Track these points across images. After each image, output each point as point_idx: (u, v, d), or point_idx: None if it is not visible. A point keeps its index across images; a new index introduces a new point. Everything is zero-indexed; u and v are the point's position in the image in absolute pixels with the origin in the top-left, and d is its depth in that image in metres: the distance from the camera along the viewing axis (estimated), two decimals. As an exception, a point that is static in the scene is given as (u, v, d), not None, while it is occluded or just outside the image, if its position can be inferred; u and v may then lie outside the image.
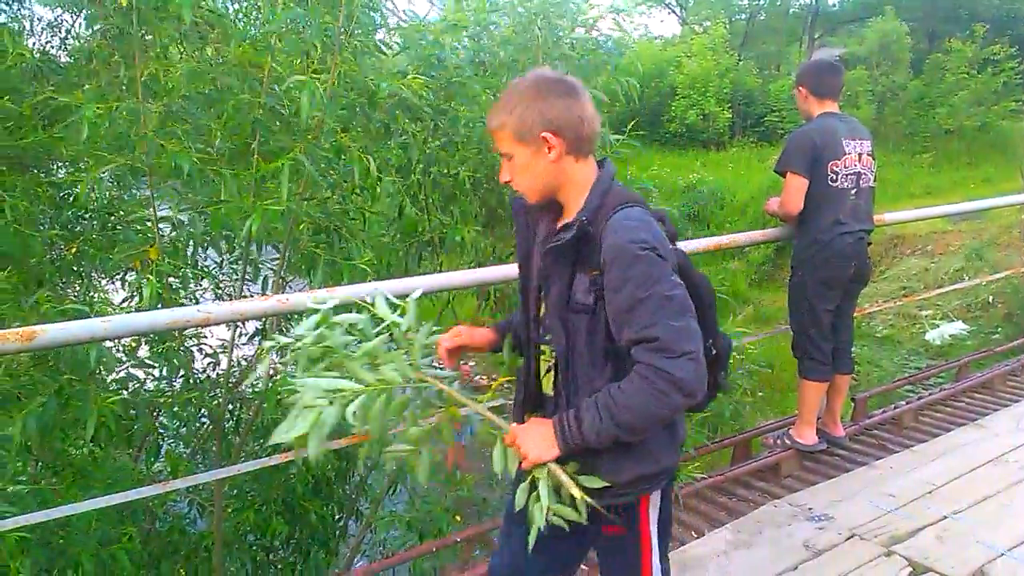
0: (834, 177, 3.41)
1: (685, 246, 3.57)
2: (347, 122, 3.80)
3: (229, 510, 3.92)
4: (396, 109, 3.78)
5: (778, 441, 3.82)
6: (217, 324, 2.61)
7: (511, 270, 3.18)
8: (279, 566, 4.27)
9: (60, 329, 2.12)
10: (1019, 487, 3.40)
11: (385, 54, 3.84)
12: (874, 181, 3.52)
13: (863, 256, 3.51)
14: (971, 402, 4.60)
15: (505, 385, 2.00)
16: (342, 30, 3.47)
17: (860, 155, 3.47)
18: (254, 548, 4.15)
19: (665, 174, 22.72)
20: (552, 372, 1.76)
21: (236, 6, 4.56)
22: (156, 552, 3.75)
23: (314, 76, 3.19)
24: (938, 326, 13.79)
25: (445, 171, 4.21)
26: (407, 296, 1.82)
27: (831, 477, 3.66)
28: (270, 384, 3.50)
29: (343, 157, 3.55)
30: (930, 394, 4.69)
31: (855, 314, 3.80)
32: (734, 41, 31.78)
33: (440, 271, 4.26)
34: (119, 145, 3.49)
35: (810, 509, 3.32)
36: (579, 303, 1.62)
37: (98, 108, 3.09)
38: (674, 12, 39.21)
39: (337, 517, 4.40)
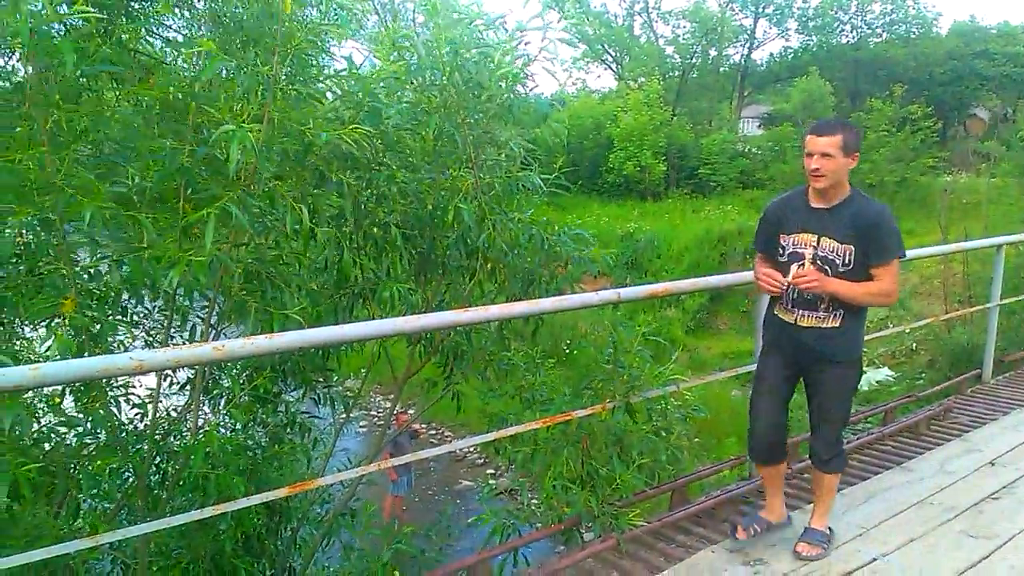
0: None
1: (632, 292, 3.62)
2: (281, 169, 3.76)
3: (154, 569, 3.74)
4: (332, 158, 3.77)
5: (818, 549, 3.29)
6: (150, 372, 2.53)
7: (437, 319, 3.18)
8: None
9: (-14, 374, 2.02)
10: (943, 528, 3.51)
11: (321, 102, 3.85)
12: None
13: None
14: (897, 446, 4.75)
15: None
16: (278, 78, 3.48)
17: None
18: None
19: (604, 223, 23.17)
20: None
21: (175, 54, 4.54)
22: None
23: (244, 125, 3.14)
24: (865, 372, 14.29)
25: (375, 222, 4.21)
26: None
27: (766, 521, 3.70)
28: (199, 437, 3.39)
29: (276, 205, 3.51)
30: (858, 438, 4.82)
31: None
32: (668, 97, 32.95)
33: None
34: (29, 194, 3.35)
35: (746, 554, 3.35)
36: None
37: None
38: (610, 68, 40.52)
39: (269, 574, 4.24)
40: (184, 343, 3.78)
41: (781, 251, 3.16)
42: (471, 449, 12.06)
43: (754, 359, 4.25)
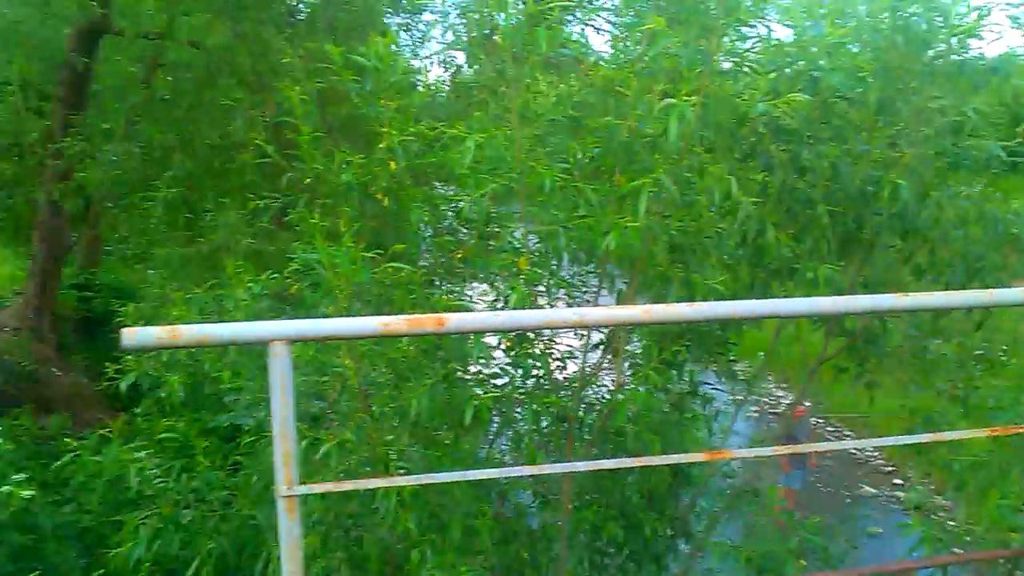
0: None
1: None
2: (712, 143, 3.83)
3: (569, 507, 4.14)
4: (764, 130, 3.72)
5: None
6: (588, 327, 2.78)
7: (869, 301, 2.94)
8: (612, 571, 4.38)
9: (465, 318, 2.43)
10: None
11: (758, 74, 3.82)
12: None
13: None
14: None
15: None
16: (716, 51, 3.55)
17: None
18: (589, 548, 4.31)
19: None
20: None
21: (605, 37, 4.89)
22: (503, 534, 4.09)
23: (685, 99, 3.27)
24: None
25: (799, 198, 4.05)
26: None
27: None
28: (620, 395, 3.64)
29: (704, 177, 3.59)
30: None
31: None
32: None
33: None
34: (495, 167, 3.91)
35: None
36: None
37: (478, 137, 3.51)
38: (1087, 20, 33.20)
39: (669, 534, 4.40)
40: (611, 305, 4.08)
41: None
42: (874, 452, 11.06)
43: None
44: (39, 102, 13.25)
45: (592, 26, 9.71)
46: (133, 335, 1.69)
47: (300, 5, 9.72)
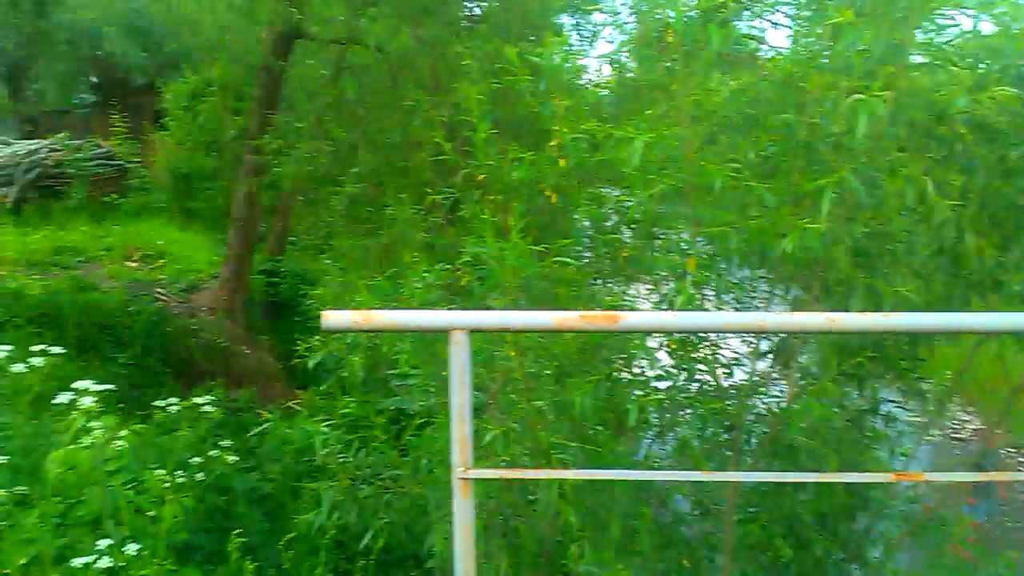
0: None
1: None
2: (904, 142, 3.58)
3: (733, 518, 4.00)
4: (965, 128, 3.42)
5: None
6: (768, 333, 2.69)
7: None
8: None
9: (639, 317, 2.42)
10: None
11: (957, 66, 3.52)
12: None
13: None
14: None
15: None
16: (910, 43, 3.33)
17: None
18: (753, 562, 4.14)
19: None
20: None
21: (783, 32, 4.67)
22: (663, 539, 4.02)
23: (875, 95, 3.07)
24: None
25: (1005, 203, 3.68)
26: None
27: None
28: (795, 406, 3.48)
29: (895, 178, 3.36)
30: None
31: None
32: None
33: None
34: (663, 167, 3.84)
35: None
36: None
37: (647, 137, 3.45)
38: None
39: (841, 557, 4.14)
40: (787, 312, 3.91)
41: None
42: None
43: None
44: (236, 102, 14.59)
45: (769, 21, 9.33)
46: (331, 318, 1.81)
47: (476, 9, 10.02)
